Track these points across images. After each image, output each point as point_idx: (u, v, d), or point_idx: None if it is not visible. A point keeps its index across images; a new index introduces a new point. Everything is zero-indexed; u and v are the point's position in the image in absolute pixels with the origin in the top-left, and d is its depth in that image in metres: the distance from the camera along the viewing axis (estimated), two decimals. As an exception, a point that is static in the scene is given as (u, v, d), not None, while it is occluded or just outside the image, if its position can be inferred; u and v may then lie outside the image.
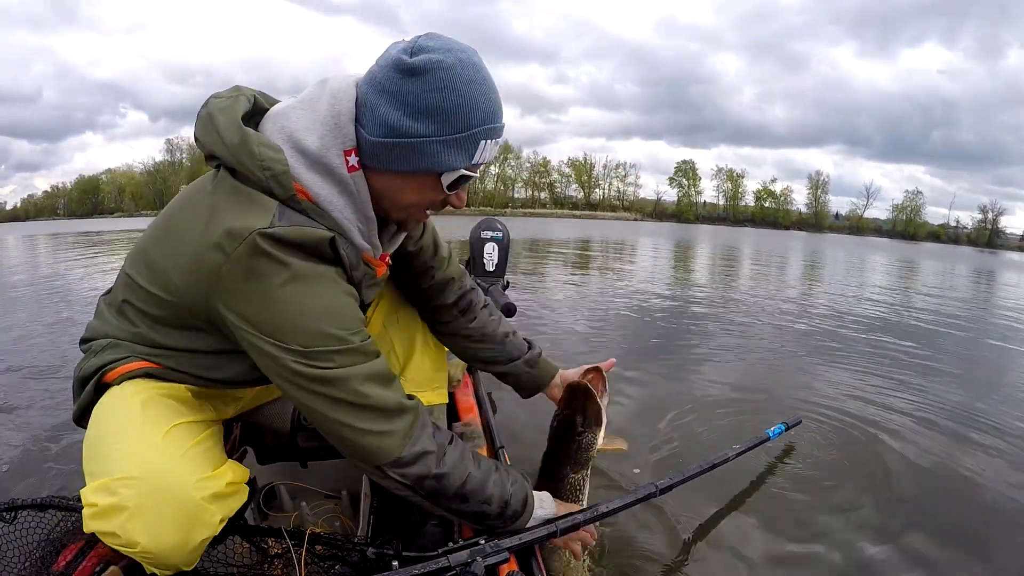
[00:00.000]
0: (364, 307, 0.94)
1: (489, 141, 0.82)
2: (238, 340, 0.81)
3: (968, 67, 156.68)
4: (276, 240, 0.76)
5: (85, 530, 0.74)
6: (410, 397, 0.88)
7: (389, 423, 0.83)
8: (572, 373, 1.23)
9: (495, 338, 1.22)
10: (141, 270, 0.87)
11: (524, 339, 1.27)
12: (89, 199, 70.89)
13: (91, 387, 0.86)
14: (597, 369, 1.17)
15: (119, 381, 0.85)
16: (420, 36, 0.80)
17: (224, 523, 0.81)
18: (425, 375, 1.24)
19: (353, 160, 0.82)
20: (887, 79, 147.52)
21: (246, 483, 0.90)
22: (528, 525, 0.99)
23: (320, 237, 0.80)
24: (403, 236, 1.00)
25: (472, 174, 0.85)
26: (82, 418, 0.88)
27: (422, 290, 1.17)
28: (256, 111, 0.86)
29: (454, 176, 0.83)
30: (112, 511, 0.72)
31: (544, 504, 1.03)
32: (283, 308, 0.77)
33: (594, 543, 1.15)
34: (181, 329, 0.86)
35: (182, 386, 0.89)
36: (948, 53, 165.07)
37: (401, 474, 0.85)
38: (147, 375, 0.86)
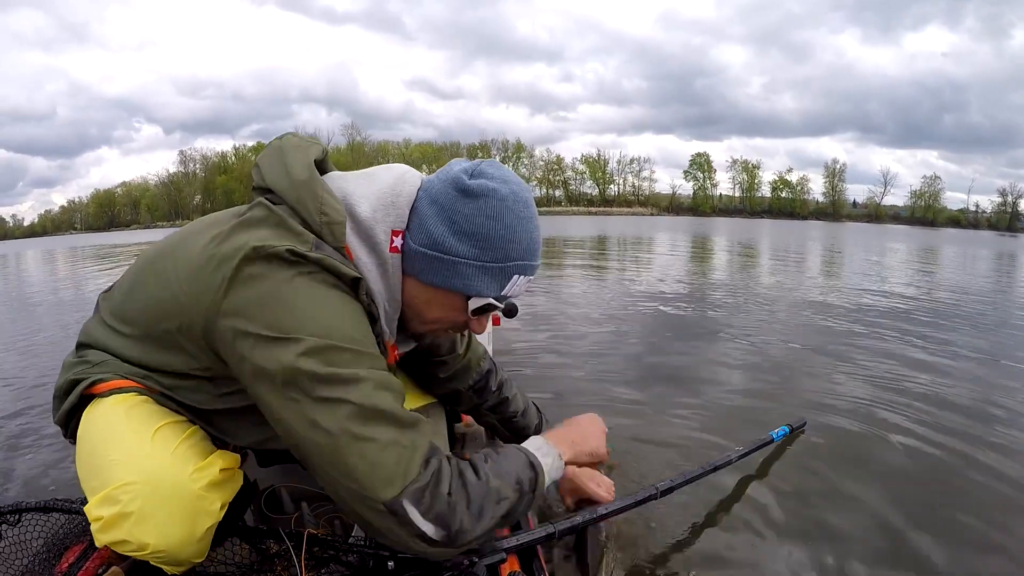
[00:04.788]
0: None
1: (522, 277, 0.85)
2: (233, 364, 0.78)
3: (973, 48, 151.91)
4: (303, 256, 0.75)
5: (97, 544, 0.76)
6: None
7: (407, 434, 0.75)
8: None
9: (505, 415, 1.25)
10: (147, 279, 0.88)
11: (536, 408, 1.33)
12: (105, 213, 72.24)
13: (75, 396, 0.86)
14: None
15: (107, 394, 0.85)
16: (483, 161, 0.85)
17: (225, 509, 0.82)
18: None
19: (397, 242, 0.84)
20: (893, 64, 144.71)
21: (247, 484, 0.91)
22: (547, 482, 0.91)
23: (349, 272, 0.79)
24: (413, 344, 1.02)
25: (499, 305, 0.86)
26: (67, 423, 0.89)
27: (435, 378, 1.21)
28: (322, 164, 0.89)
29: (481, 303, 0.85)
30: (118, 519, 0.74)
31: (543, 451, 0.94)
32: (295, 298, 0.74)
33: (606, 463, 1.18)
34: (173, 349, 0.84)
35: None
36: (952, 35, 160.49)
37: (424, 504, 0.74)
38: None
